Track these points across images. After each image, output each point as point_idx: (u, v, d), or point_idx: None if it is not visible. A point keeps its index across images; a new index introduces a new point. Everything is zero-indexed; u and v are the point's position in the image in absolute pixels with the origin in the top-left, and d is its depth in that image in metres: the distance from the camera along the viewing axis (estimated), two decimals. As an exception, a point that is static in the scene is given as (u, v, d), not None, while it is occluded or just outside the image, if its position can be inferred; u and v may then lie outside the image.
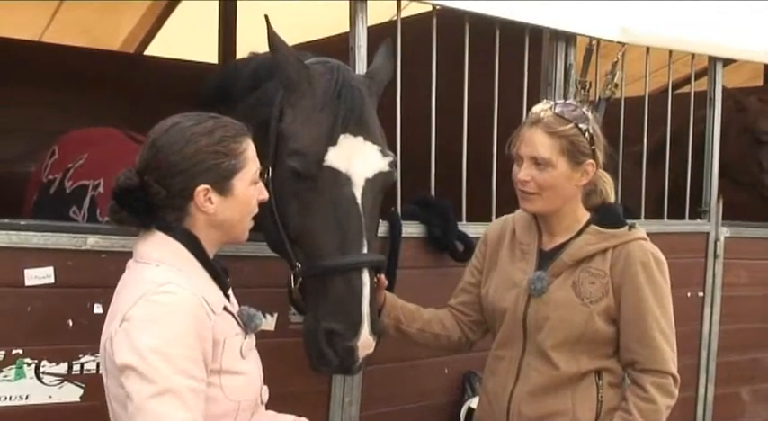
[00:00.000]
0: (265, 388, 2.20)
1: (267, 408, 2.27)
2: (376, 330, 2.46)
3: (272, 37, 2.63)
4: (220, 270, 2.14)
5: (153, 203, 2.07)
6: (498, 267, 2.78)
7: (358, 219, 2.50)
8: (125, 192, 2.06)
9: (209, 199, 2.07)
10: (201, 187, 2.06)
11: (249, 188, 2.14)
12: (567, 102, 2.83)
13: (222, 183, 2.08)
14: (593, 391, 2.58)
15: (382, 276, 2.73)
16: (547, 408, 2.58)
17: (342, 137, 2.53)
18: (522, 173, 2.59)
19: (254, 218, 2.21)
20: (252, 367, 2.15)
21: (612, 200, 2.74)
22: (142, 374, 1.85)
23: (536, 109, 2.65)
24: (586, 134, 2.57)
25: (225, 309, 2.09)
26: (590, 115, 2.65)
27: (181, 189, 2.06)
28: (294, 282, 2.53)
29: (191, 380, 1.90)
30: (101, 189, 3.76)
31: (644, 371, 2.55)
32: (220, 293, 2.11)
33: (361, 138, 2.57)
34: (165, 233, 2.07)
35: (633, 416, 2.51)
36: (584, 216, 2.69)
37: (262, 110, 2.69)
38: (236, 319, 2.12)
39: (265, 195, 2.22)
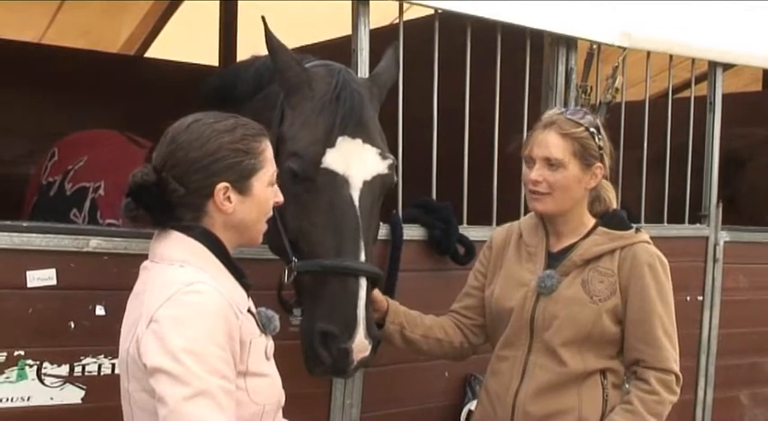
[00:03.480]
0: (282, 391, 2.15)
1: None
2: (372, 334, 2.46)
3: (271, 39, 2.64)
4: (242, 270, 2.10)
5: (170, 201, 2.01)
6: (504, 269, 2.81)
7: (355, 222, 2.51)
8: (141, 188, 2.01)
9: (229, 198, 2.02)
10: (222, 185, 2.00)
11: (267, 189, 2.10)
12: (577, 108, 2.90)
13: (242, 182, 2.03)
14: (598, 390, 2.62)
15: (377, 291, 2.74)
16: (553, 406, 2.60)
17: (340, 139, 2.54)
18: (535, 173, 2.64)
19: (267, 221, 2.17)
20: (274, 369, 2.12)
21: (614, 207, 2.80)
22: (175, 376, 1.80)
23: (548, 113, 2.74)
24: (596, 138, 2.65)
25: (248, 310, 2.04)
26: (598, 121, 2.73)
27: (200, 187, 2.01)
28: (288, 277, 2.53)
29: (223, 380, 1.85)
30: (101, 191, 3.76)
31: (648, 368, 2.60)
32: (244, 294, 2.07)
33: (359, 141, 2.58)
34: (184, 233, 2.02)
35: (634, 405, 2.55)
36: (590, 220, 2.75)
37: (266, 112, 2.69)
38: (256, 321, 2.07)
39: (281, 198, 2.18)
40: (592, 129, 2.65)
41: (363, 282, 2.46)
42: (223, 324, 1.89)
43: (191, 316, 1.87)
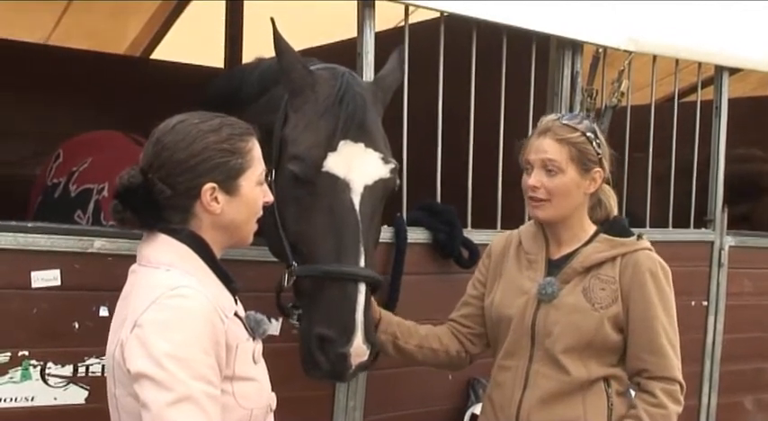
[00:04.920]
0: (273, 395, 2.15)
1: (271, 413, 2.25)
2: (370, 339, 2.45)
3: (278, 41, 2.64)
4: (230, 274, 2.09)
5: (157, 203, 2.00)
6: (504, 277, 2.79)
7: (355, 226, 2.49)
8: (128, 191, 2.00)
9: (216, 198, 2.01)
10: (208, 186, 1.99)
11: (255, 189, 2.09)
12: (574, 113, 2.88)
13: (229, 183, 2.02)
14: (603, 399, 2.59)
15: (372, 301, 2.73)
16: (558, 415, 2.58)
17: (342, 143, 2.53)
18: (533, 179, 2.62)
19: (258, 221, 2.17)
20: (262, 373, 2.11)
21: (615, 213, 2.78)
22: (158, 382, 1.78)
23: (544, 120, 2.71)
24: (594, 143, 2.63)
25: (235, 313, 2.03)
26: (596, 126, 2.72)
27: (187, 188, 2.00)
28: (287, 281, 2.53)
29: (209, 385, 1.83)
30: (105, 193, 3.76)
31: (652, 378, 2.58)
32: (231, 298, 2.06)
33: (361, 145, 2.57)
34: (171, 236, 2.01)
35: (642, 420, 2.52)
36: (591, 227, 2.73)
37: (269, 115, 2.69)
38: (245, 324, 2.06)
39: (270, 198, 2.18)
40: (589, 134, 2.63)
41: (362, 288, 2.45)
42: (208, 328, 1.88)
43: (175, 320, 1.85)
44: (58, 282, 2.69)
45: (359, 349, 2.40)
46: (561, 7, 3.82)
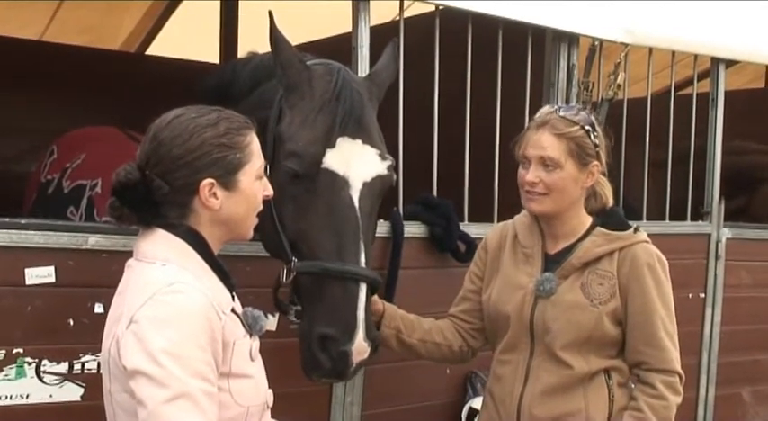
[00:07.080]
0: (270, 391, 2.14)
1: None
2: (371, 336, 2.43)
3: (275, 35, 2.61)
4: (227, 270, 2.07)
5: (155, 199, 1.98)
6: (500, 272, 2.77)
7: (355, 223, 2.48)
8: (125, 187, 1.98)
9: (214, 194, 1.99)
10: (206, 181, 1.97)
11: (254, 183, 2.06)
12: (571, 105, 2.85)
13: (227, 178, 2.00)
14: (604, 391, 2.60)
15: (375, 297, 2.72)
16: (560, 409, 2.58)
17: (340, 139, 2.51)
18: (531, 174, 2.59)
19: (258, 215, 2.14)
20: (259, 370, 2.09)
21: (611, 204, 2.76)
22: (154, 379, 1.76)
23: (541, 112, 2.67)
24: (591, 136, 2.60)
25: (232, 310, 2.01)
26: (593, 118, 2.68)
27: (184, 184, 1.97)
28: (286, 277, 2.51)
29: (205, 382, 1.82)
30: (98, 189, 3.74)
31: (652, 370, 2.58)
32: (228, 294, 2.04)
33: (359, 141, 2.55)
34: (168, 231, 1.99)
35: (644, 413, 2.53)
36: (587, 219, 2.71)
37: (262, 111, 2.66)
38: (242, 321, 2.04)
39: (270, 191, 2.15)
40: (587, 127, 2.59)
41: (364, 286, 2.43)
42: (205, 325, 1.86)
43: (171, 317, 1.83)
44: (53, 279, 2.68)
45: (360, 346, 2.39)
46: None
